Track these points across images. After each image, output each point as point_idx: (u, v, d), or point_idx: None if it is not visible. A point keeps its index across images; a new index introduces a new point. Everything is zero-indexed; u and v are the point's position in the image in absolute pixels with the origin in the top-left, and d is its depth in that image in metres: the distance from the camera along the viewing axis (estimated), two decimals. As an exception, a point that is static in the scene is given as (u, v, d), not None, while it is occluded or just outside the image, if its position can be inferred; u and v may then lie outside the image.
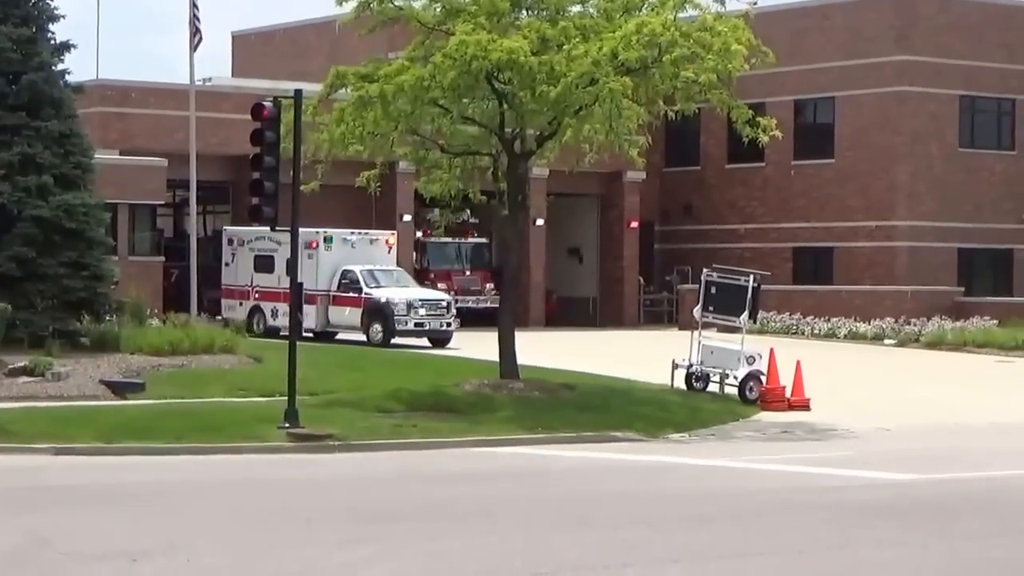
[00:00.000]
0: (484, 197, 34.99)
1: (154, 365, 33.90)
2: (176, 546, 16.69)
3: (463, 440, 27.49)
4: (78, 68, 49.07)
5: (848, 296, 55.98)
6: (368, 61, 32.32)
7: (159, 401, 29.70)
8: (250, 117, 28.06)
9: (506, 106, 31.56)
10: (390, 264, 48.39)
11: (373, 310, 45.91)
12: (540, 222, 57.20)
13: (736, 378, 33.67)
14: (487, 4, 31.14)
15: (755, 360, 33.61)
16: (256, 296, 48.01)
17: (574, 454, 26.75)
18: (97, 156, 39.24)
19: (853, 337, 53.07)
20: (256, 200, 27.80)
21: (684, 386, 33.97)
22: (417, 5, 32.42)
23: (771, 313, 53.29)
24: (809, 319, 54.82)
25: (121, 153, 49.96)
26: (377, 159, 33.26)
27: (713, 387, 34.06)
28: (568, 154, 34.34)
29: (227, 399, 30.48)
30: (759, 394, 33.33)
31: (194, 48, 47.34)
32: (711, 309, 34.14)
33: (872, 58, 57.84)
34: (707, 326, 34.81)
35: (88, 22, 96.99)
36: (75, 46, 37.65)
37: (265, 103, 27.96)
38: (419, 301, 46.02)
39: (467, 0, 31.70)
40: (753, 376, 33.49)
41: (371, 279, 46.54)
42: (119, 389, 30.57)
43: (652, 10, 31.18)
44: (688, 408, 31.81)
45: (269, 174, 27.66)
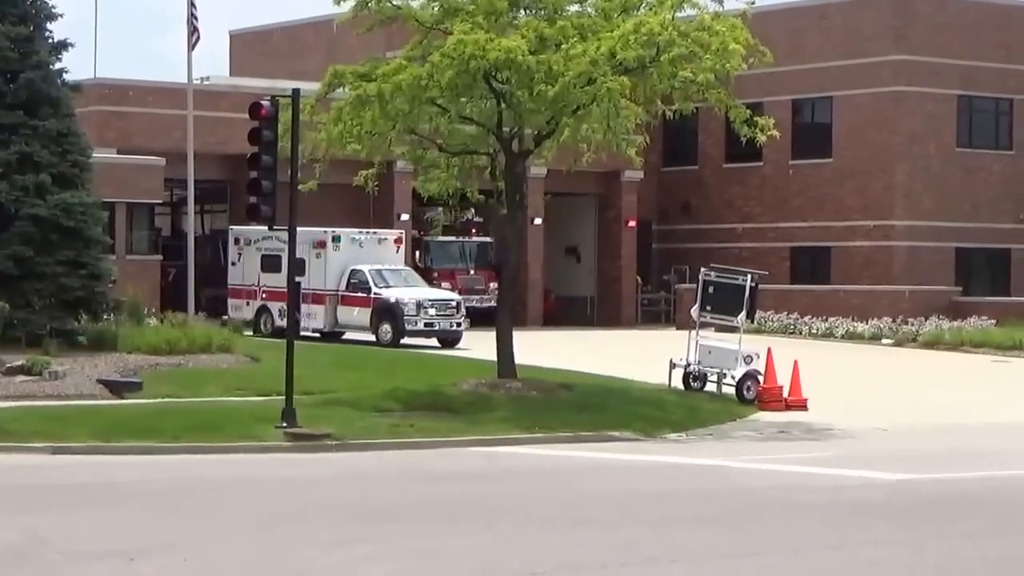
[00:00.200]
0: (482, 196, 35.00)
1: (152, 364, 33.89)
2: (173, 545, 16.69)
3: (461, 440, 27.49)
4: (76, 67, 49.23)
5: (846, 296, 55.99)
6: (366, 60, 32.32)
7: (156, 400, 29.69)
8: (248, 116, 28.05)
9: (504, 105, 31.56)
10: (398, 264, 48.15)
11: (382, 310, 45.66)
12: (538, 221, 57.20)
13: (734, 378, 33.66)
14: (485, 3, 31.13)
15: (752, 360, 33.61)
16: (263, 296, 47.77)
17: (572, 454, 26.76)
18: (95, 155, 39.22)
19: (850, 337, 53.08)
20: (254, 199, 27.79)
21: (682, 386, 33.97)
22: (415, 4, 32.41)
23: (769, 313, 53.27)
24: (807, 319, 54.82)
25: (119, 152, 49.96)
26: (375, 158, 33.24)
27: (711, 387, 34.05)
28: (566, 153, 34.33)
29: (224, 398, 30.47)
30: (756, 394, 33.33)
31: (192, 47, 47.33)
32: (709, 309, 34.14)
33: (870, 58, 57.85)
34: (705, 326, 34.79)
35: (86, 21, 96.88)
36: (73, 45, 37.66)
37: (263, 102, 27.95)
38: (429, 301, 45.76)
39: (465, -1, 31.73)
40: (750, 376, 33.49)
41: (380, 279, 46.26)
42: (117, 388, 30.56)
43: (650, 9, 31.17)
44: (686, 408, 31.81)
45: (267, 173, 27.65)
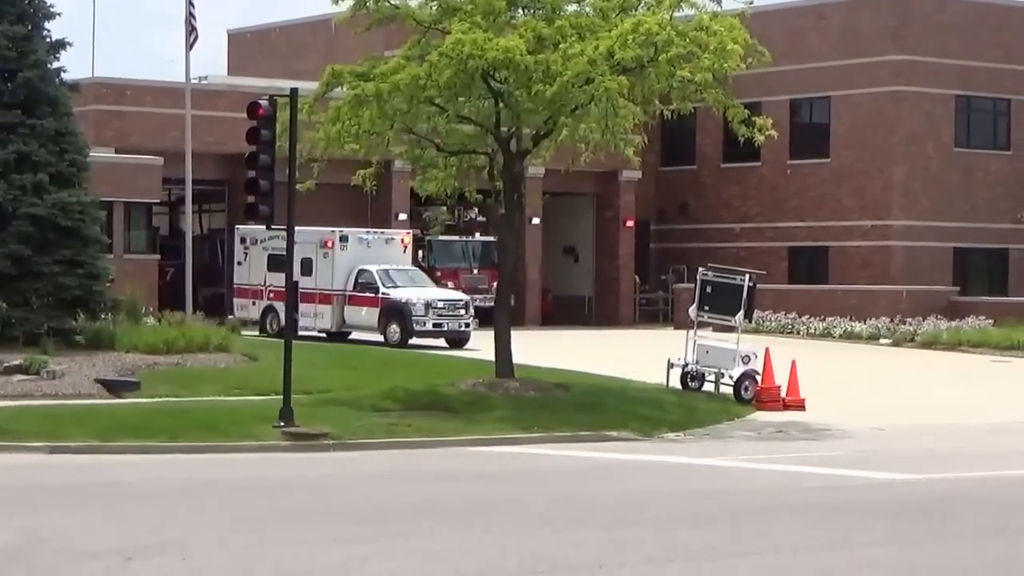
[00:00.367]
0: (480, 196, 35.01)
1: (149, 363, 33.88)
2: (171, 545, 16.68)
3: (458, 439, 27.50)
4: (74, 66, 49.10)
5: (843, 296, 56.00)
6: (364, 60, 32.30)
7: (154, 400, 29.69)
8: (246, 115, 28.06)
9: (502, 105, 31.55)
10: (405, 264, 47.96)
11: (391, 310, 45.43)
12: (536, 221, 57.18)
13: (731, 377, 33.67)
14: (483, 3, 31.13)
15: (750, 359, 33.61)
16: (270, 296, 47.46)
17: (569, 453, 26.76)
18: (93, 154, 39.23)
19: (848, 337, 53.09)
20: (252, 198, 27.80)
21: (679, 385, 33.97)
22: (413, 4, 32.41)
23: (766, 312, 53.29)
24: (804, 319, 54.82)
25: (117, 151, 49.94)
26: (373, 158, 33.24)
27: (708, 386, 34.06)
28: (564, 153, 34.34)
29: (222, 398, 30.47)
30: (754, 394, 33.33)
31: (190, 46, 47.32)
32: (707, 308, 34.14)
33: (868, 57, 57.85)
34: (703, 325, 34.80)
35: (84, 20, 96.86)
36: (71, 44, 37.64)
37: (261, 101, 27.96)
38: (438, 301, 45.53)
39: (463, -1, 31.71)
40: (748, 376, 33.50)
41: (388, 279, 46.04)
42: (114, 387, 30.56)
43: (648, 9, 31.18)
44: (683, 408, 31.81)
45: (265, 172, 27.65)
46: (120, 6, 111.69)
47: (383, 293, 45.73)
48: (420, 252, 54.40)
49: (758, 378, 33.45)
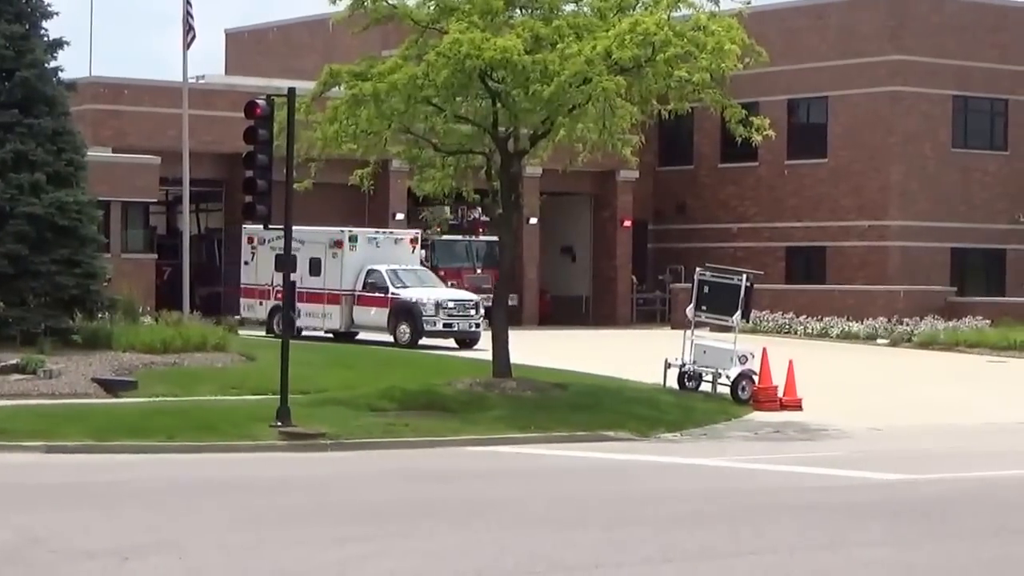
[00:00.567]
0: (477, 196, 35.01)
1: (146, 363, 33.86)
2: (168, 544, 16.67)
3: (456, 439, 27.48)
4: (71, 65, 49.06)
5: (841, 296, 56.02)
6: (361, 59, 32.29)
7: (151, 399, 29.66)
8: (243, 115, 28.06)
9: (499, 105, 31.54)
10: (414, 264, 47.79)
11: (401, 310, 45.23)
12: (533, 221, 57.17)
13: (729, 377, 33.67)
14: (481, 3, 31.11)
15: (747, 359, 33.61)
16: (277, 296, 46.99)
17: (567, 453, 26.75)
18: (90, 154, 39.20)
19: (846, 337, 53.10)
20: (249, 198, 27.79)
21: (677, 385, 33.97)
22: (411, 3, 32.39)
23: (764, 312, 53.30)
24: (802, 318, 54.84)
25: (114, 151, 49.93)
26: (370, 157, 33.22)
27: (706, 386, 34.05)
28: (561, 153, 34.33)
29: (219, 397, 30.45)
30: (751, 394, 33.33)
31: (187, 46, 47.30)
32: (704, 308, 34.14)
33: (865, 58, 57.88)
34: (700, 325, 34.80)
35: (81, 19, 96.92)
36: (68, 43, 37.62)
37: (258, 101, 27.94)
38: (447, 301, 45.33)
39: (461, -2, 31.69)
40: (745, 376, 33.49)
41: (397, 279, 45.86)
42: (111, 387, 30.54)
43: (646, 9, 31.16)
44: (681, 408, 31.81)
45: (262, 172, 27.64)
46: (118, 6, 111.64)
47: (393, 293, 45.52)
48: (423, 252, 54.32)
49: (755, 378, 33.45)
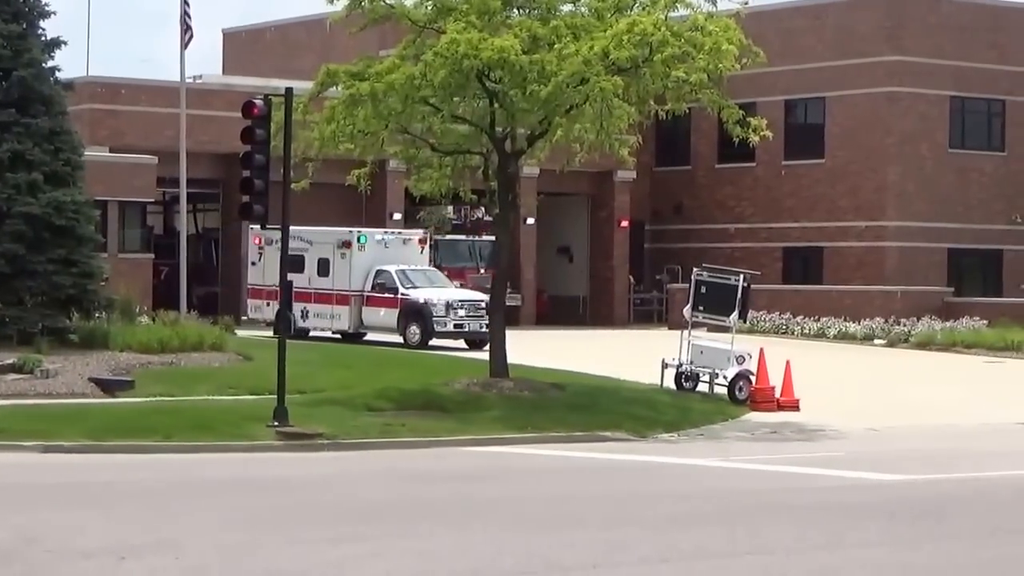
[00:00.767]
0: (474, 196, 35.02)
1: (143, 363, 33.84)
2: (165, 544, 16.67)
3: (453, 439, 27.48)
4: (68, 65, 49.01)
5: (838, 296, 56.01)
6: (359, 59, 32.29)
7: (148, 399, 29.65)
8: (240, 115, 28.05)
9: (497, 105, 31.54)
10: (423, 264, 47.48)
11: (411, 311, 44.92)
12: (531, 221, 57.19)
13: (726, 378, 33.66)
14: (478, 3, 31.10)
15: (745, 360, 33.61)
16: None
17: (564, 454, 26.75)
18: (87, 153, 39.18)
19: (843, 337, 53.10)
20: (246, 198, 27.78)
21: (674, 386, 33.96)
22: (408, 3, 32.38)
23: (761, 313, 53.31)
24: (799, 319, 54.83)
25: (111, 150, 49.92)
26: (367, 157, 33.22)
27: (703, 387, 34.04)
28: (559, 153, 34.32)
29: (216, 397, 30.44)
30: (748, 394, 33.33)
31: (185, 45, 47.31)
32: (701, 308, 34.13)
33: (863, 58, 57.88)
34: (697, 325, 34.80)
35: (79, 19, 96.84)
36: (65, 43, 37.59)
37: (256, 101, 27.93)
38: (458, 302, 45.02)
39: (458, -2, 31.68)
40: (743, 376, 33.49)
41: (406, 280, 45.56)
42: (108, 387, 30.52)
43: (643, 9, 31.16)
44: (678, 408, 31.80)
45: (259, 172, 27.64)
46: (115, 5, 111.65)
47: (403, 294, 45.21)
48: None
49: (752, 378, 33.45)
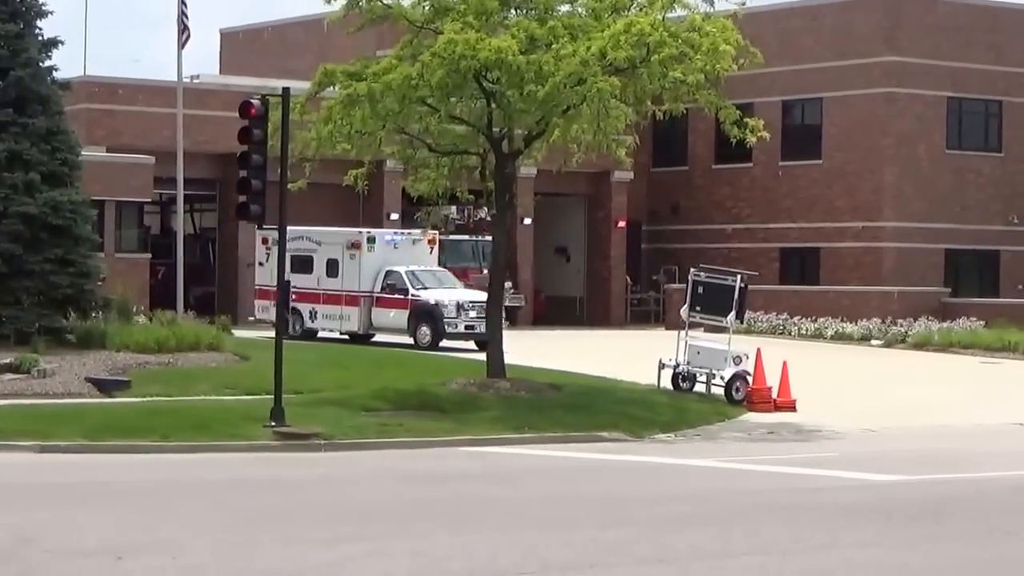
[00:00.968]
0: (471, 196, 35.02)
1: (140, 363, 33.83)
2: (162, 544, 16.67)
3: (450, 440, 27.47)
4: (65, 65, 48.82)
5: (835, 296, 56.02)
6: (356, 59, 32.29)
7: (145, 399, 29.64)
8: (238, 115, 28.03)
9: (494, 105, 31.54)
10: (432, 265, 47.21)
11: (421, 312, 44.61)
12: (528, 221, 57.17)
13: (723, 378, 33.66)
14: (476, 3, 31.10)
15: (742, 360, 33.61)
16: (293, 297, 46.64)
17: (561, 454, 26.75)
18: (84, 153, 39.15)
19: (840, 337, 53.11)
20: (243, 198, 27.78)
21: (671, 386, 33.96)
22: (405, 3, 32.38)
23: (758, 313, 53.30)
24: (796, 319, 54.85)
25: (108, 150, 49.91)
26: (365, 158, 33.23)
27: (700, 387, 34.05)
28: (556, 154, 34.33)
29: (213, 397, 30.43)
30: (745, 394, 33.32)
31: (182, 45, 47.29)
32: (698, 309, 34.13)
33: (860, 59, 57.89)
34: (694, 326, 34.80)
35: (76, 19, 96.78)
36: (63, 42, 37.55)
37: (253, 101, 27.92)
38: (469, 303, 44.58)
39: (456, -1, 31.69)
40: (740, 376, 33.49)
41: (416, 280, 45.28)
42: (105, 387, 30.51)
43: (641, 10, 31.17)
44: (674, 408, 31.80)
45: (256, 172, 27.63)
46: (113, 5, 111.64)
47: (413, 295, 44.90)
48: None
49: (749, 379, 33.45)
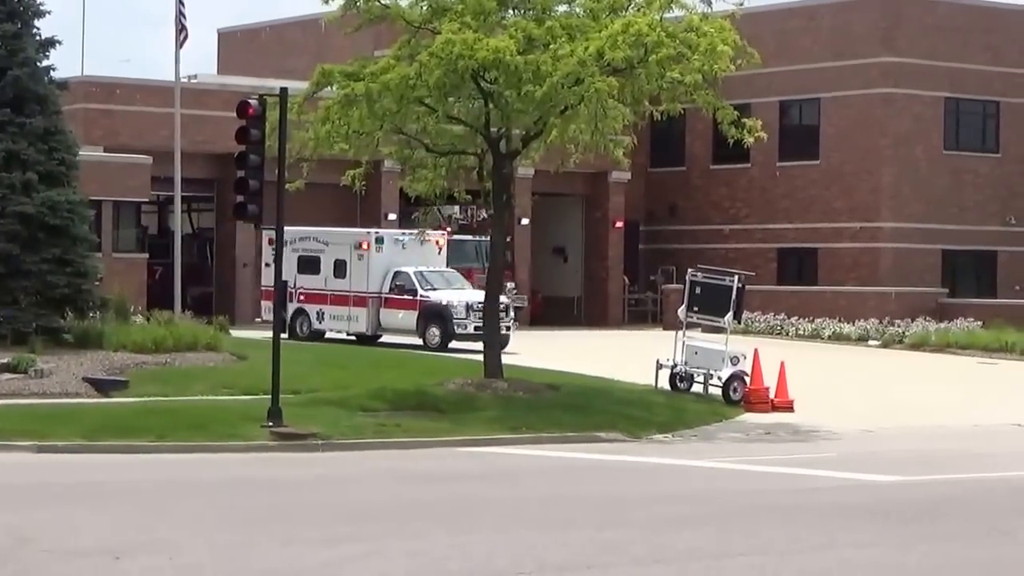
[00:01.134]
0: (469, 196, 35.02)
1: (138, 363, 33.83)
2: (159, 544, 16.67)
3: (447, 440, 27.47)
4: (63, 64, 48.90)
5: (832, 297, 56.03)
6: (354, 59, 32.29)
7: (142, 399, 29.65)
8: (235, 115, 28.03)
9: (492, 105, 31.54)
10: (440, 265, 47.05)
11: (430, 313, 44.38)
12: (525, 222, 57.17)
13: (720, 379, 33.66)
14: (473, 3, 31.11)
15: (739, 360, 33.62)
16: (300, 298, 46.35)
17: (558, 454, 26.75)
18: (82, 153, 39.14)
19: (837, 338, 53.12)
20: (241, 198, 27.78)
21: (668, 386, 33.97)
22: (403, 3, 32.38)
23: (755, 313, 53.29)
24: (793, 320, 54.84)
25: (106, 150, 49.90)
26: (362, 158, 33.22)
27: (697, 387, 34.05)
28: (553, 154, 34.33)
29: (211, 397, 30.43)
30: (743, 395, 33.34)
31: (180, 45, 47.28)
32: (695, 309, 34.14)
33: (858, 59, 57.90)
34: (691, 326, 34.80)
35: (74, 18, 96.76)
36: (60, 42, 37.53)
37: (251, 101, 27.93)
38: (478, 304, 43.71)
39: (453, -1, 31.70)
40: (737, 377, 33.50)
41: (425, 281, 45.09)
42: (102, 387, 30.51)
43: (638, 10, 31.18)
44: (672, 409, 31.81)
45: (254, 172, 27.63)
46: (110, 5, 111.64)
47: (422, 296, 44.73)
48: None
49: (747, 379, 33.46)
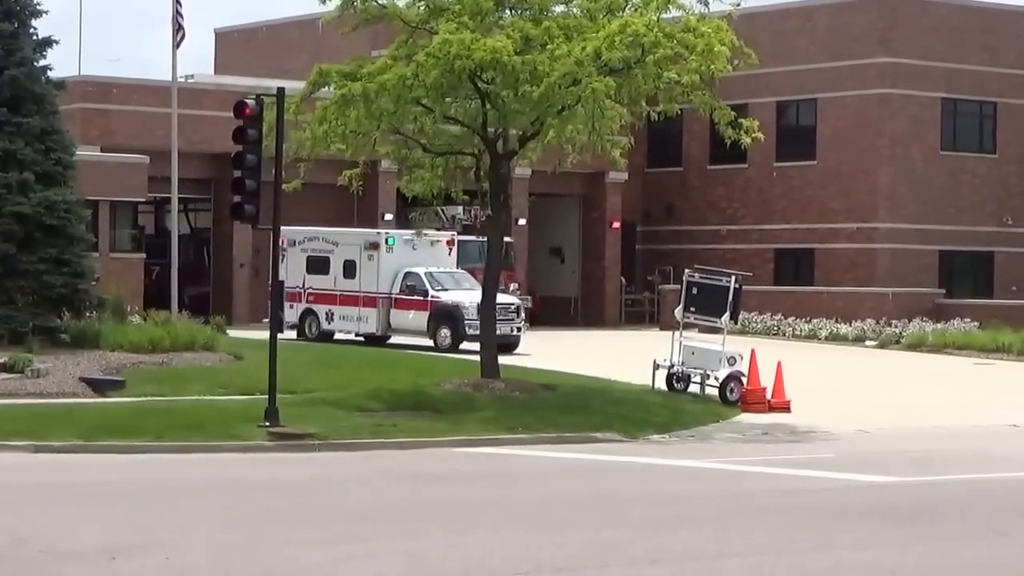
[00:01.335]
0: (466, 197, 35.01)
1: (134, 362, 33.83)
2: (156, 544, 16.66)
3: (444, 440, 27.46)
4: (60, 64, 48.94)
5: (829, 297, 56.03)
6: (351, 59, 32.28)
7: (139, 399, 29.64)
8: (232, 115, 28.03)
9: (489, 106, 31.54)
10: (450, 266, 46.95)
11: (441, 314, 44.31)
12: (522, 222, 57.14)
13: (717, 379, 33.65)
14: (471, 3, 31.11)
15: (736, 361, 33.61)
16: (309, 299, 46.41)
17: (555, 455, 26.75)
18: (78, 153, 39.16)
19: (834, 338, 53.13)
20: (237, 198, 27.78)
21: (665, 387, 33.96)
22: (400, 4, 32.38)
23: (752, 314, 53.30)
24: (790, 320, 54.86)
25: (102, 150, 49.87)
26: (359, 158, 33.19)
27: (694, 388, 34.05)
28: (550, 154, 34.33)
29: (207, 397, 30.43)
30: (740, 395, 33.33)
31: (177, 45, 47.26)
32: (692, 309, 34.13)
33: (855, 60, 57.92)
34: (688, 326, 34.79)
35: (71, 18, 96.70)
36: (57, 42, 37.58)
37: (248, 101, 27.92)
38: None
39: (451, -1, 31.70)
40: (734, 377, 33.49)
41: (435, 282, 45.03)
42: (99, 386, 30.50)
43: (635, 10, 31.18)
44: (669, 409, 31.80)
45: (251, 172, 27.63)
46: (107, 4, 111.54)
47: (432, 296, 44.64)
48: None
49: (744, 380, 33.45)
